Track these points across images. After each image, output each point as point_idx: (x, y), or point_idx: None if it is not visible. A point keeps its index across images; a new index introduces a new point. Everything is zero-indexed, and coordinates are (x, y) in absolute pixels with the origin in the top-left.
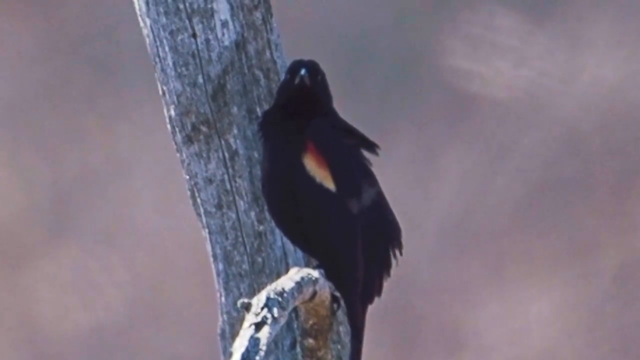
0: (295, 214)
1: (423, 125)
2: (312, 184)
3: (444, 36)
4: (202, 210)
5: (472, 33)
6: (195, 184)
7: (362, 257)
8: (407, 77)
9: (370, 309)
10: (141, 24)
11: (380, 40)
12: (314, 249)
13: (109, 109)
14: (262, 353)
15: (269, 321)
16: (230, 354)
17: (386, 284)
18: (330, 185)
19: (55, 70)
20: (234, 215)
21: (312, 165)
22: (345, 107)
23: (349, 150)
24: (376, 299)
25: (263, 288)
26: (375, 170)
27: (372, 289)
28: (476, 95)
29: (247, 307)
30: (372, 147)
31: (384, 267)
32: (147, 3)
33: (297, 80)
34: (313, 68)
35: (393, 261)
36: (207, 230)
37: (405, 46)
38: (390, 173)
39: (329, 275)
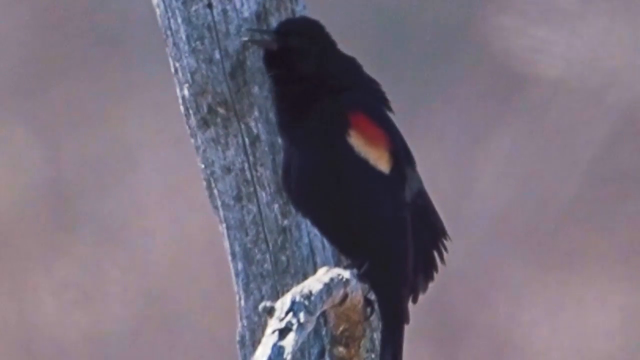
0: (335, 201)
1: (466, 106)
2: (362, 167)
3: (491, 7)
4: (219, 203)
5: (523, 4)
6: (212, 173)
7: (412, 249)
8: (450, 52)
9: (410, 306)
10: None
11: (420, 11)
12: (356, 240)
13: (114, 89)
14: None
15: (294, 327)
16: None
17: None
18: (383, 166)
19: (53, 46)
20: (254, 209)
21: (361, 143)
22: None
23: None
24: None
25: (288, 290)
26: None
27: (415, 285)
28: (526, 73)
29: (269, 311)
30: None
31: (430, 262)
32: None
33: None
34: (287, 26)
35: (438, 256)
36: (224, 225)
37: (447, 18)
38: (428, 159)
39: (374, 268)
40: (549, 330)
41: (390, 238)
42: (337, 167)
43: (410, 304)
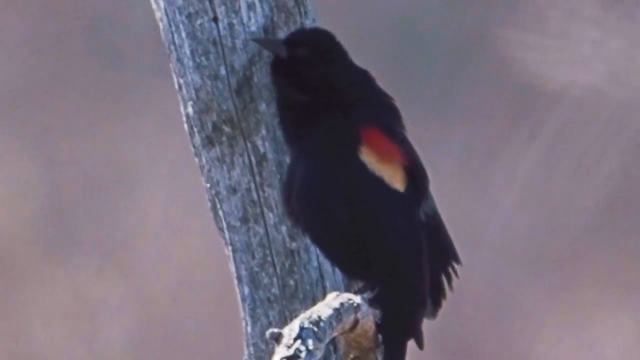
0: (345, 220)
1: (478, 122)
2: (376, 185)
3: (509, 20)
4: (224, 225)
5: (538, 14)
6: (217, 193)
7: (428, 270)
8: (465, 67)
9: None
10: (153, 5)
11: (434, 24)
12: (367, 261)
13: (115, 106)
14: None
15: (302, 354)
16: None
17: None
18: (398, 184)
19: (51, 61)
20: (261, 230)
21: (374, 160)
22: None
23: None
24: (428, 321)
25: (296, 316)
26: None
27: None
28: (542, 88)
29: (277, 338)
30: None
31: (438, 288)
32: None
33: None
34: (296, 36)
35: (447, 282)
36: (230, 248)
37: (462, 31)
38: (441, 177)
39: (389, 290)
40: (565, 354)
41: (405, 259)
42: (349, 185)
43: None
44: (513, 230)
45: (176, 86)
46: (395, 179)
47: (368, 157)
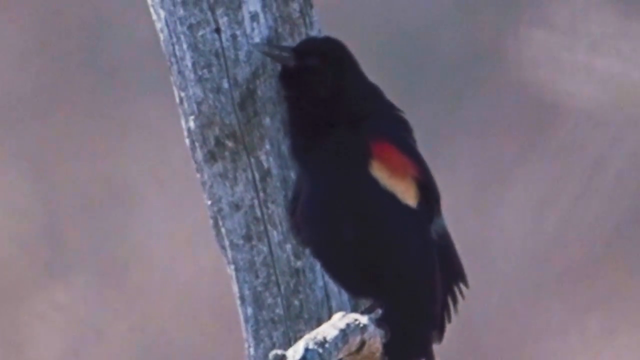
0: (354, 236)
1: (492, 138)
2: (387, 201)
3: (522, 29)
4: (227, 243)
5: (554, 25)
6: (219, 210)
7: (440, 290)
8: (474, 79)
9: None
10: (153, 16)
11: (443, 34)
12: (376, 280)
13: (114, 121)
14: None
15: None
16: None
17: (449, 326)
18: (411, 200)
19: (47, 73)
20: (265, 249)
21: (386, 175)
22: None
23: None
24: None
25: (300, 337)
26: None
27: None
28: (559, 102)
29: (281, 359)
30: None
31: (446, 309)
32: None
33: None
34: (306, 45)
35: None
36: (233, 267)
37: (473, 42)
38: (452, 195)
39: (399, 310)
40: None
41: (417, 278)
42: (359, 201)
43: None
44: (525, 251)
45: (177, 100)
46: (408, 194)
47: (379, 172)
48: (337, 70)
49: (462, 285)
